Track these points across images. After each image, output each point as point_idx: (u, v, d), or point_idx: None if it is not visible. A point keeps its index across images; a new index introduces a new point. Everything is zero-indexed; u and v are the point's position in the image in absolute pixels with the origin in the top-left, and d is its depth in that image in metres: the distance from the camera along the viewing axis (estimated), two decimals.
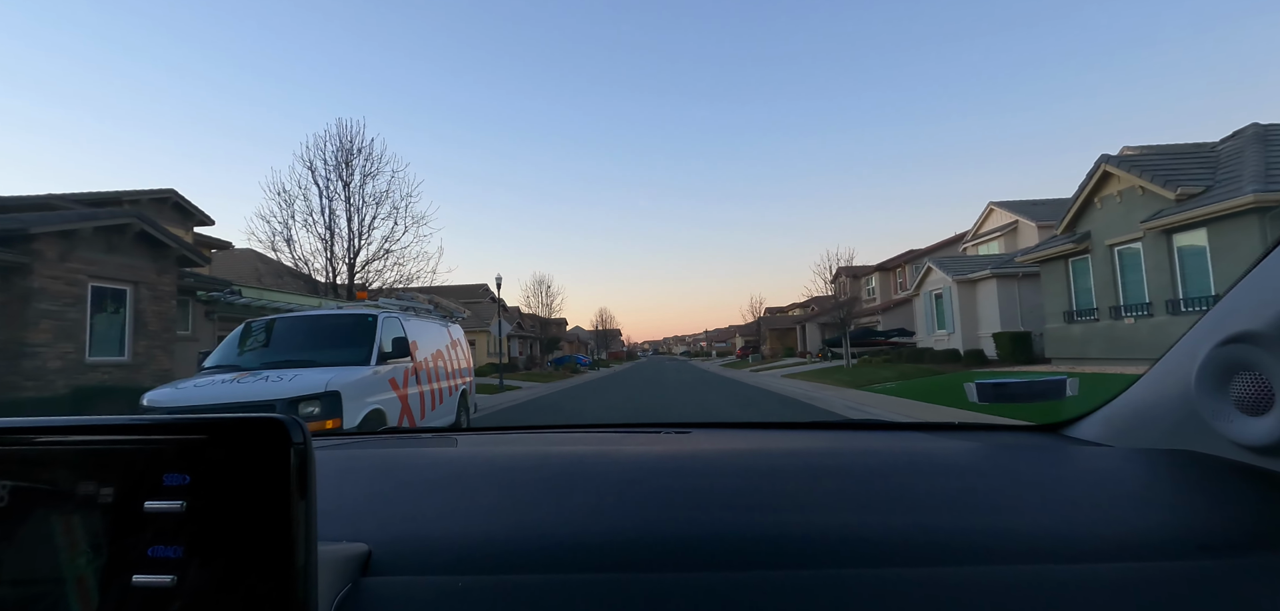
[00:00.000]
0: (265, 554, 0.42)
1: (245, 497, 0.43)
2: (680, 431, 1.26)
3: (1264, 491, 0.67)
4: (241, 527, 0.42)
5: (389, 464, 0.99)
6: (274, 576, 0.42)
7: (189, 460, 0.44)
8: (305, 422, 0.47)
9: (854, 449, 1.01)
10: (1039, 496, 0.71)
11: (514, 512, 0.71)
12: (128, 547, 0.42)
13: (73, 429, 0.46)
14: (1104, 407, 0.98)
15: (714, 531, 0.63)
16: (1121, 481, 0.76)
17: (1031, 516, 0.65)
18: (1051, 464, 0.85)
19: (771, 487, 0.77)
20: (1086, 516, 0.64)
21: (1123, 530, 0.61)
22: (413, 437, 1.42)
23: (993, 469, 0.86)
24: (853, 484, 0.78)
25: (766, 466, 0.89)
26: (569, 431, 1.36)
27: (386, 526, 0.67)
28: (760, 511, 0.68)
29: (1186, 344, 0.81)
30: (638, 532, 0.63)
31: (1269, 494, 0.66)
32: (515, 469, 0.92)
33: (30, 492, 0.44)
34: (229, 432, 0.44)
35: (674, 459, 0.94)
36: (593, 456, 0.99)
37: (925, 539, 0.60)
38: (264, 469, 0.43)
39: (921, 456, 0.93)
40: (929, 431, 1.19)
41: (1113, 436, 0.93)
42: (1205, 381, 0.76)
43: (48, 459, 0.45)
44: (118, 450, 0.45)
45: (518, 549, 0.61)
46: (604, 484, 0.79)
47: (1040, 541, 0.59)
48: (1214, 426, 0.75)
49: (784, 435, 1.21)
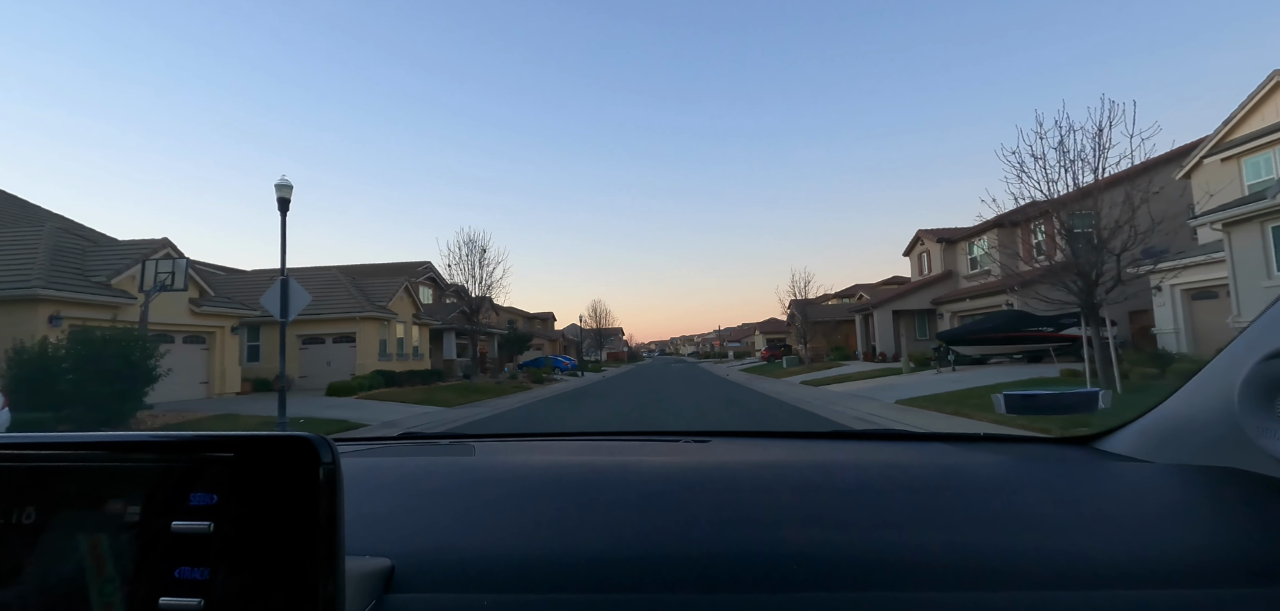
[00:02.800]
0: (293, 577, 0.41)
1: (273, 518, 0.42)
2: (699, 440, 1.28)
3: None
4: (269, 549, 0.42)
5: (409, 473, 0.99)
6: (302, 600, 0.41)
7: (216, 479, 0.43)
8: (333, 442, 0.46)
9: (881, 462, 0.99)
10: (1076, 515, 0.68)
11: (534, 527, 0.70)
12: (154, 568, 0.42)
13: (100, 445, 0.46)
14: (1138, 421, 0.95)
15: (741, 550, 0.61)
16: (1162, 499, 0.73)
17: (1069, 536, 0.62)
18: (1087, 479, 0.83)
19: (799, 503, 0.75)
20: (1127, 537, 0.62)
21: (1167, 553, 0.58)
22: (430, 444, 1.45)
23: (1026, 484, 0.83)
24: (883, 500, 0.76)
25: (794, 480, 0.88)
26: (587, 439, 1.38)
27: (408, 539, 0.67)
28: (788, 528, 0.66)
29: (1228, 357, 0.79)
30: (660, 551, 0.62)
31: None
32: (534, 480, 0.91)
33: (58, 509, 0.44)
34: (257, 451, 0.44)
35: (695, 471, 0.93)
36: (612, 468, 0.98)
37: (960, 560, 0.58)
38: (292, 489, 0.42)
39: (951, 471, 0.91)
40: (956, 443, 1.19)
41: (1148, 451, 0.90)
42: (1249, 396, 0.72)
43: (76, 476, 0.45)
44: (146, 468, 0.44)
45: (539, 566, 0.60)
46: (624, 498, 0.79)
47: (1080, 564, 0.56)
48: (1259, 443, 0.71)
49: (806, 446, 1.23)
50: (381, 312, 23.46)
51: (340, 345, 22.73)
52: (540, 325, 67.79)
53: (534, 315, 68.58)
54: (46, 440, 0.46)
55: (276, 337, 22.44)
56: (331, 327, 22.69)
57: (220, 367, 18.31)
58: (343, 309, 22.48)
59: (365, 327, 22.73)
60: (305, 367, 22.33)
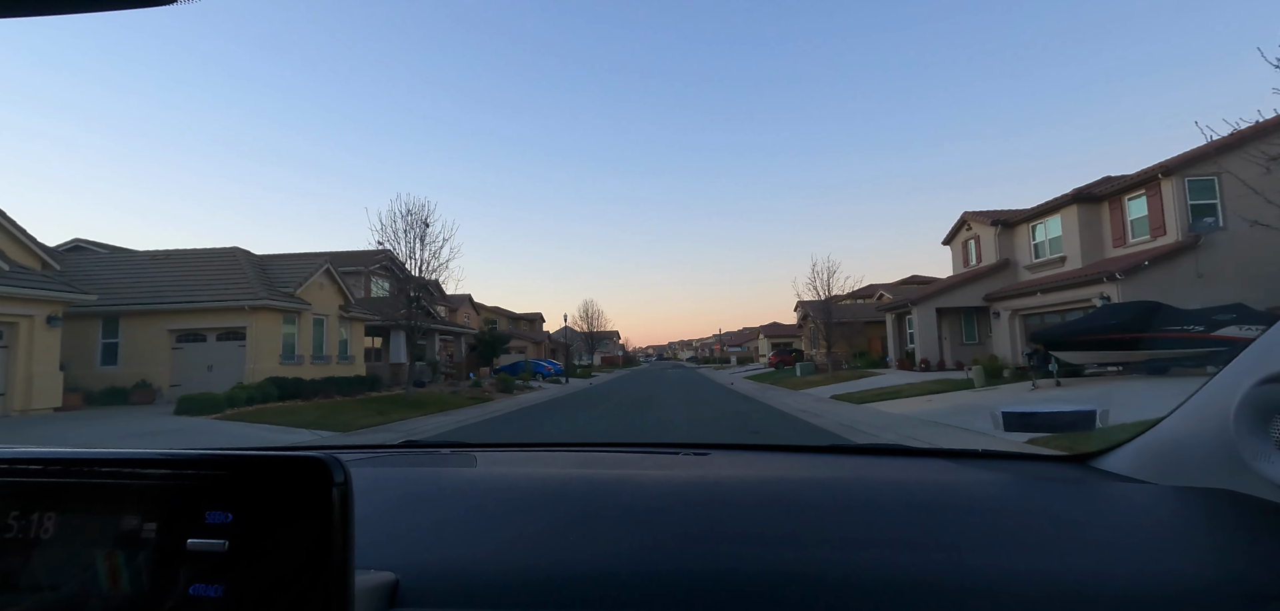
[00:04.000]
0: (305, 595, 0.42)
1: (286, 537, 0.43)
2: (698, 453, 1.26)
3: None
4: (282, 568, 0.42)
5: (412, 483, 1.00)
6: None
7: (231, 498, 0.44)
8: (345, 463, 0.46)
9: (881, 479, 0.99)
10: (1073, 536, 0.69)
11: (537, 543, 0.70)
12: (169, 585, 0.42)
13: (118, 462, 0.46)
14: (1136, 440, 0.95)
15: (738, 568, 0.62)
16: (1158, 521, 0.73)
17: (1064, 558, 0.63)
18: (1085, 500, 0.83)
19: (798, 521, 0.76)
20: (1123, 560, 0.62)
21: (1161, 577, 0.58)
22: (433, 453, 1.42)
23: (1024, 504, 0.84)
24: (881, 517, 0.76)
25: (790, 496, 0.88)
26: (588, 451, 1.38)
27: (412, 552, 0.68)
28: (787, 547, 0.66)
29: (1224, 378, 0.79)
30: (661, 568, 0.62)
31: None
32: (536, 494, 0.91)
33: (76, 524, 0.45)
34: (271, 470, 0.44)
35: (696, 487, 0.94)
36: (613, 481, 0.98)
37: (956, 582, 0.58)
38: (306, 508, 0.43)
39: (950, 489, 0.92)
40: (955, 459, 1.18)
41: (1144, 470, 0.90)
42: (1245, 419, 0.73)
43: (94, 492, 0.46)
44: (162, 485, 0.45)
45: (541, 582, 0.61)
46: (626, 514, 0.79)
47: (1074, 588, 0.57)
48: (1254, 466, 0.71)
49: (805, 459, 1.22)
50: (286, 302, 18.13)
51: (227, 343, 17.37)
52: (527, 326, 62.54)
53: (520, 315, 63.43)
54: (65, 456, 0.47)
55: (148, 332, 16.51)
56: (216, 320, 17.34)
57: (24, 373, 12.98)
58: (231, 295, 17.12)
59: (261, 321, 17.34)
60: (179, 372, 16.95)
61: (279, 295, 18.09)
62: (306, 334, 19.18)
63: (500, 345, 38.12)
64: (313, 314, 19.67)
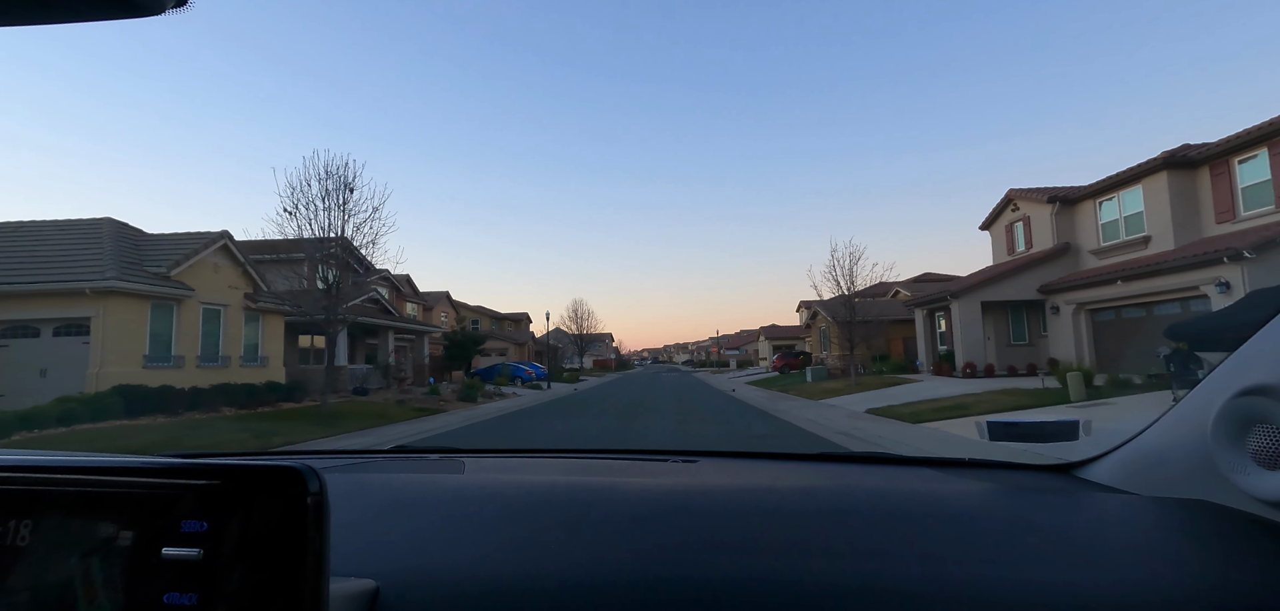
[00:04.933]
0: (279, 603, 0.42)
1: (261, 546, 0.43)
2: (687, 460, 1.28)
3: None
4: (256, 577, 0.43)
5: (396, 490, 0.99)
6: None
7: (206, 506, 0.44)
8: (320, 472, 0.47)
9: (866, 488, 0.99)
10: (1053, 547, 0.69)
11: (520, 551, 0.70)
12: (144, 593, 0.43)
13: (96, 469, 0.47)
14: (1118, 450, 0.96)
15: (722, 577, 0.62)
16: (1136, 532, 0.73)
17: (1046, 569, 0.63)
18: (1067, 510, 0.82)
19: (782, 530, 0.75)
20: (1100, 571, 0.63)
21: (1141, 587, 0.59)
22: (420, 459, 1.41)
23: (1007, 514, 0.83)
24: (865, 527, 0.76)
25: (774, 505, 0.88)
26: (576, 457, 1.37)
27: (394, 560, 0.67)
28: (768, 556, 0.67)
29: (1203, 391, 0.79)
30: (646, 577, 0.62)
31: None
32: (522, 501, 0.91)
33: (52, 531, 0.45)
34: (247, 480, 0.45)
35: (682, 494, 0.94)
36: (600, 489, 0.97)
37: (936, 592, 0.59)
38: (280, 517, 0.43)
39: (934, 498, 0.91)
40: (941, 468, 1.18)
41: (1126, 480, 0.91)
42: (1221, 432, 0.74)
43: (71, 499, 0.46)
44: (139, 494, 0.45)
45: (524, 591, 0.61)
46: (611, 523, 0.78)
47: (1056, 597, 0.57)
48: (1231, 479, 0.73)
49: (791, 468, 1.25)
50: (153, 286, 13.72)
51: (69, 339, 12.95)
52: (512, 327, 58.30)
53: (504, 315, 59.28)
54: (43, 462, 0.47)
55: None
56: (51, 307, 12.76)
57: None
58: (74, 275, 12.90)
59: (113, 310, 12.87)
60: (4, 376, 12.47)
61: (143, 276, 13.75)
62: (191, 328, 15.01)
63: (474, 346, 33.92)
64: (201, 302, 15.32)
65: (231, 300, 16.31)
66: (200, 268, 15.23)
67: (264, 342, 17.46)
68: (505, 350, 45.71)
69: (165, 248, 15.08)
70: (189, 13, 0.42)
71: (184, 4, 0.42)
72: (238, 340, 16.46)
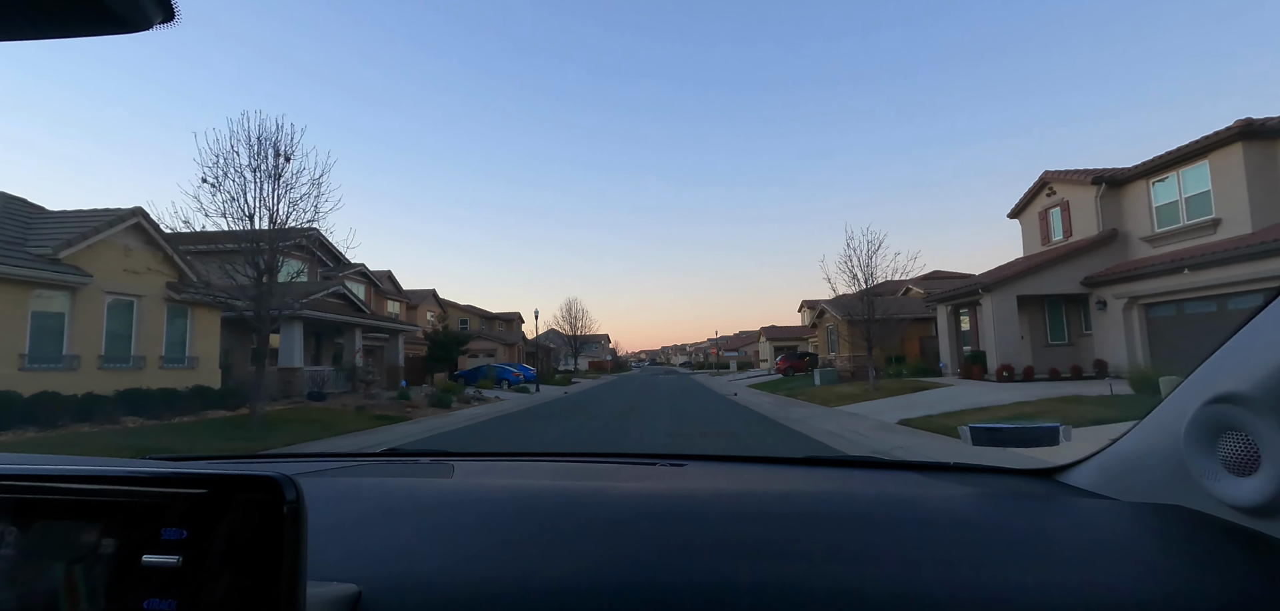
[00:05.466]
0: (256, 609, 0.43)
1: (239, 554, 0.44)
2: (674, 464, 1.29)
3: (1250, 554, 0.65)
4: (234, 584, 0.44)
5: (383, 494, 0.99)
6: None
7: (185, 514, 0.45)
8: (297, 481, 0.48)
9: (850, 492, 1.01)
10: (1033, 552, 0.70)
11: (506, 556, 0.70)
12: (124, 600, 0.44)
13: (78, 477, 0.48)
14: (1098, 455, 0.97)
15: (706, 581, 0.63)
16: (1112, 536, 0.74)
17: (1025, 572, 0.64)
18: (1047, 514, 0.84)
19: (766, 534, 0.76)
20: (1078, 575, 0.64)
21: (1115, 590, 0.60)
22: (410, 463, 1.40)
23: (987, 519, 0.84)
24: (847, 531, 0.77)
25: (759, 509, 0.89)
26: (564, 461, 1.38)
27: (377, 564, 0.67)
28: (754, 561, 0.67)
29: (1177, 398, 0.81)
30: (631, 581, 0.63)
31: (1255, 557, 0.65)
32: (508, 504, 0.91)
33: (34, 538, 0.46)
34: (226, 488, 0.46)
35: (668, 499, 0.94)
36: (586, 493, 0.98)
37: (920, 595, 0.60)
38: (258, 526, 0.44)
39: (918, 503, 0.92)
40: (925, 472, 1.20)
41: (1106, 485, 0.93)
42: (1193, 438, 0.75)
43: (54, 507, 0.47)
44: (120, 501, 0.46)
45: (507, 595, 0.61)
46: (597, 527, 0.79)
47: (1029, 600, 0.59)
48: (1203, 485, 0.74)
49: (778, 472, 1.25)
50: (37, 270, 11.24)
51: None
52: (503, 327, 55.86)
53: (495, 315, 56.87)
54: (25, 470, 0.48)
55: None
56: None
57: None
58: None
59: None
60: None
61: (23, 258, 11.17)
62: (92, 322, 12.60)
63: (457, 346, 31.58)
64: (105, 291, 12.82)
65: (148, 290, 13.82)
66: (104, 249, 12.79)
67: (194, 341, 15.02)
68: (494, 351, 43.32)
69: (68, 225, 12.70)
70: (175, 18, 0.43)
71: (171, 19, 0.43)
72: (158, 338, 14.07)
